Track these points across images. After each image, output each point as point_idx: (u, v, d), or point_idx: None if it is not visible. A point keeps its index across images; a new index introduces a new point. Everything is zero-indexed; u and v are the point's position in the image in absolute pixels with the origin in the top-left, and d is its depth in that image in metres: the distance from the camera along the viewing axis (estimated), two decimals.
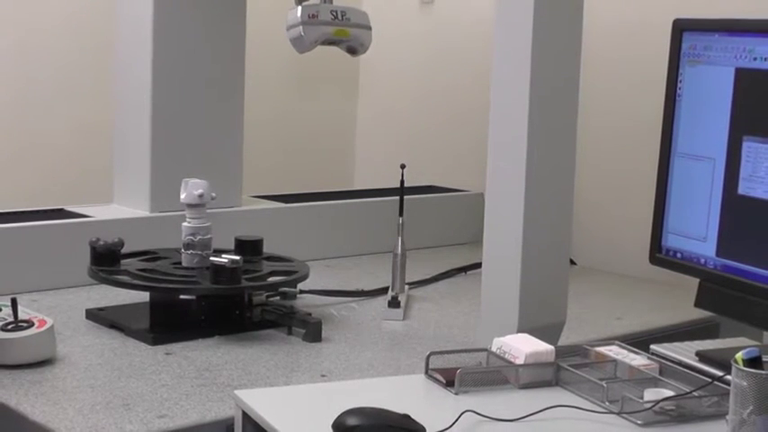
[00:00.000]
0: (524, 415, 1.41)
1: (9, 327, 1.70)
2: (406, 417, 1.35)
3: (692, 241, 1.78)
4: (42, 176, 2.54)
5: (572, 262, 2.21)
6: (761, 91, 1.67)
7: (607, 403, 1.44)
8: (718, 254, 1.74)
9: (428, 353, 1.58)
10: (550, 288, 1.79)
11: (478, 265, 1.89)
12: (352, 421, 1.33)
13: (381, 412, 1.36)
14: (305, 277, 2.04)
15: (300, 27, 2.15)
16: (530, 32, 1.69)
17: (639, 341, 1.80)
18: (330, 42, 2.21)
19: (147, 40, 2.33)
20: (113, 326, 1.93)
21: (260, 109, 2.77)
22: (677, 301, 2.16)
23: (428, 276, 2.42)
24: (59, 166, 2.83)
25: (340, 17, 2.19)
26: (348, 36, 2.21)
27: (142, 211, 2.37)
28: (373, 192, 2.83)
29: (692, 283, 1.80)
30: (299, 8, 2.16)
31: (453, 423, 1.36)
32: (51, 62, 2.81)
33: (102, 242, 1.98)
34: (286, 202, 2.63)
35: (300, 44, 2.17)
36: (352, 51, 2.26)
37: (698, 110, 1.77)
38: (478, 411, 1.40)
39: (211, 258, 1.91)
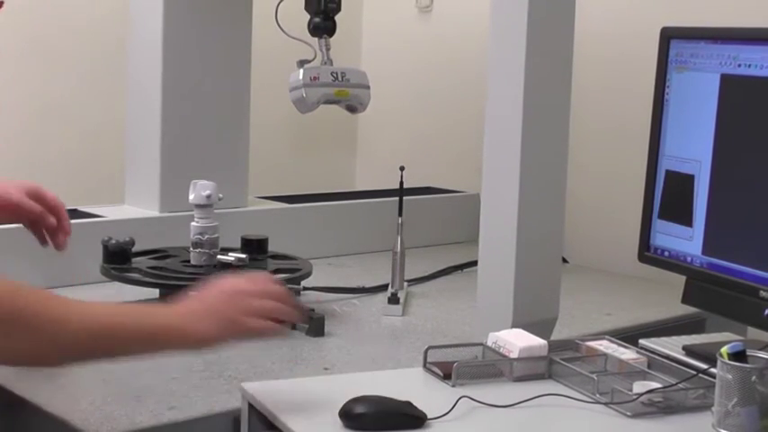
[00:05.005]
0: (517, 402, 1.45)
1: None
2: (409, 404, 1.39)
3: (679, 240, 1.80)
4: (56, 178, 2.56)
5: (564, 260, 2.23)
6: (745, 96, 1.70)
7: (597, 395, 1.47)
8: (704, 252, 1.76)
9: (426, 347, 1.61)
10: (543, 285, 1.81)
11: (474, 263, 1.92)
12: (358, 409, 1.37)
13: (384, 400, 1.40)
14: (308, 275, 2.07)
15: (303, 89, 2.16)
16: (524, 38, 1.71)
17: (629, 336, 1.82)
18: (331, 102, 2.23)
19: (157, 46, 2.36)
20: None
21: (265, 114, 2.79)
22: (665, 297, 2.18)
23: (426, 274, 2.43)
24: (73, 169, 2.86)
25: (340, 78, 2.20)
26: (348, 96, 2.22)
27: (152, 212, 2.39)
28: (374, 193, 2.85)
29: (680, 280, 1.83)
30: (301, 71, 2.18)
31: (451, 408, 1.41)
32: (64, 67, 2.85)
33: (113, 241, 2.02)
34: (290, 202, 2.66)
35: (303, 105, 2.19)
36: (352, 110, 2.28)
37: (685, 114, 1.80)
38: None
39: (219, 257, 1.95)
